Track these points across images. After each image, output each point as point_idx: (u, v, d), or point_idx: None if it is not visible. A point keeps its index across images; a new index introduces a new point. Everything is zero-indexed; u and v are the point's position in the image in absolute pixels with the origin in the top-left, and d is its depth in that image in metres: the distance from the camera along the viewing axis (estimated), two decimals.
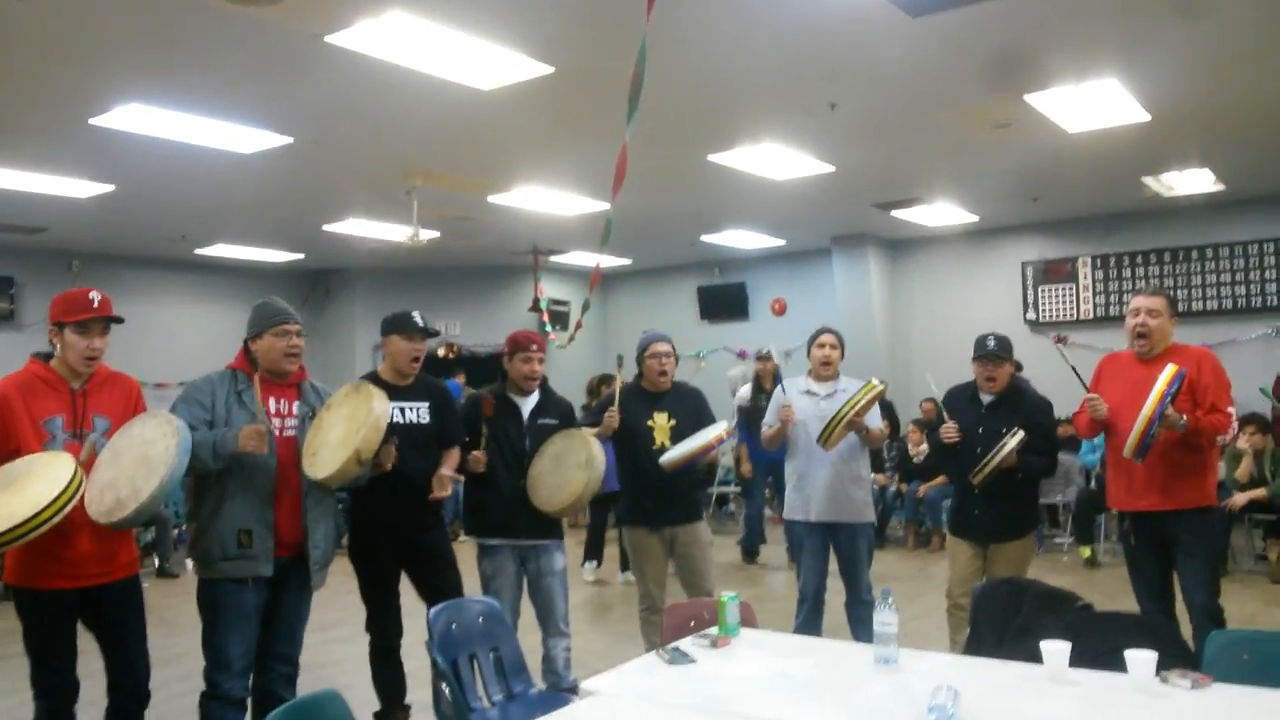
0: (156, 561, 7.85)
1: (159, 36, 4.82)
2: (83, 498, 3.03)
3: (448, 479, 3.91)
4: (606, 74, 5.11)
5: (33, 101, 5.77)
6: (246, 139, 6.56)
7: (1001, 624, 3.38)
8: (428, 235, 9.45)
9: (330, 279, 12.83)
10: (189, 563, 6.45)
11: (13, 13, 4.46)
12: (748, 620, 3.20)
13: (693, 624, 3.29)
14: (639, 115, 4.05)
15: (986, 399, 4.53)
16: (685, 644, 2.98)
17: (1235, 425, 4.09)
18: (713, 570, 4.67)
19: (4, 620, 3.75)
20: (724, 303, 12.88)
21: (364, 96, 5.84)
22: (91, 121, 6.03)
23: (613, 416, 4.40)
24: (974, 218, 10.25)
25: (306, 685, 3.67)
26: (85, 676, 3.37)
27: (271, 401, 3.52)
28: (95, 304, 3.33)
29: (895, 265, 11.74)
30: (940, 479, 8.29)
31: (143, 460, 3.10)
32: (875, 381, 4.67)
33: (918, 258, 11.58)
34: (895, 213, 9.81)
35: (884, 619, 2.79)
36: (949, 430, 4.48)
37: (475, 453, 4.07)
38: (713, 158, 7.42)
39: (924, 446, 8.38)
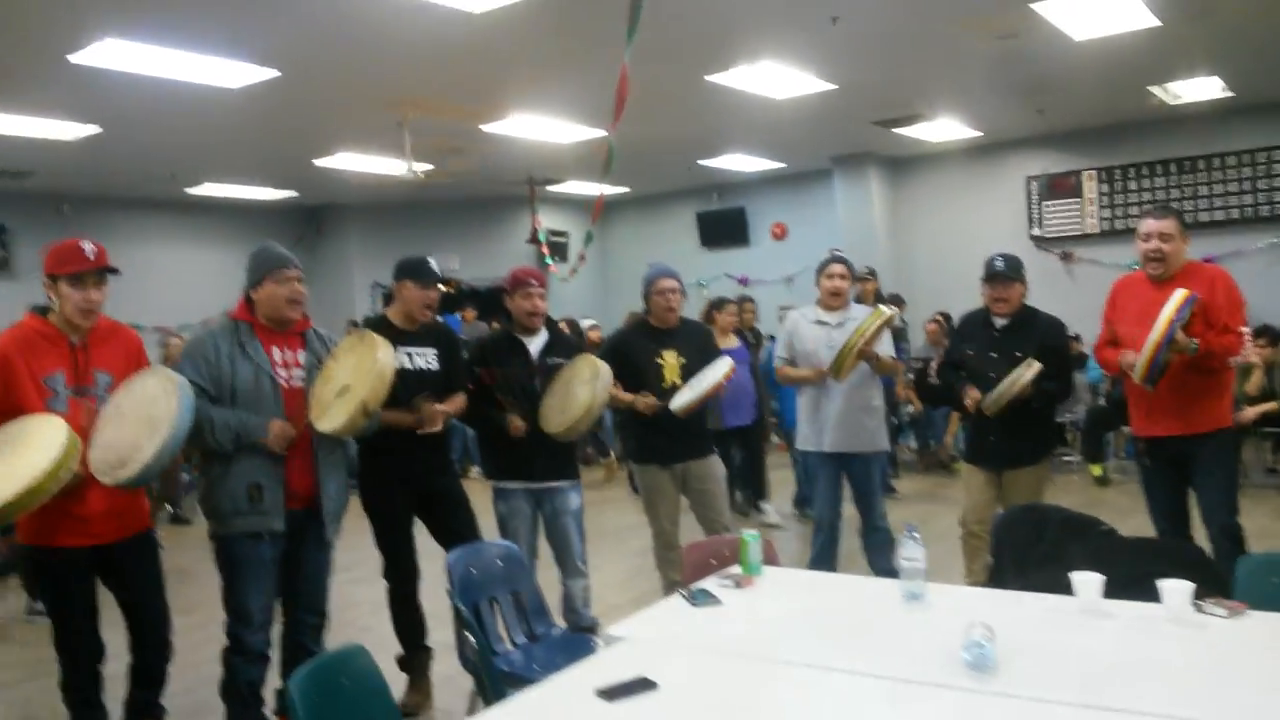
0: (169, 508, 7.85)
1: None
2: (84, 459, 2.97)
3: (439, 413, 3.82)
4: None
5: (10, 40, 5.56)
6: (232, 73, 6.36)
7: (1023, 553, 3.37)
8: (422, 168, 9.25)
9: (324, 216, 12.63)
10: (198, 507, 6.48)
11: None
12: (769, 558, 3.18)
13: (713, 562, 3.27)
14: (635, 37, 3.89)
15: (999, 323, 4.45)
16: (709, 584, 2.96)
17: (1249, 344, 4.01)
18: (727, 505, 4.65)
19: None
20: (724, 229, 12.72)
21: (349, 23, 5.64)
22: (70, 59, 5.84)
23: (651, 404, 4.37)
24: (977, 133, 10.05)
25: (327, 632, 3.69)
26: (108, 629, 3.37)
27: (276, 351, 3.43)
28: (90, 256, 3.21)
29: (897, 184, 11.55)
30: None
31: (145, 420, 3.03)
32: (884, 308, 4.60)
33: (920, 176, 11.40)
34: (897, 130, 9.61)
35: (910, 554, 2.76)
36: (972, 392, 4.36)
37: (515, 421, 3.99)
38: (710, 78, 7.23)
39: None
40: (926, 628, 2.54)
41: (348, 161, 9.55)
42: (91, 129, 7.62)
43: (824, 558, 4.76)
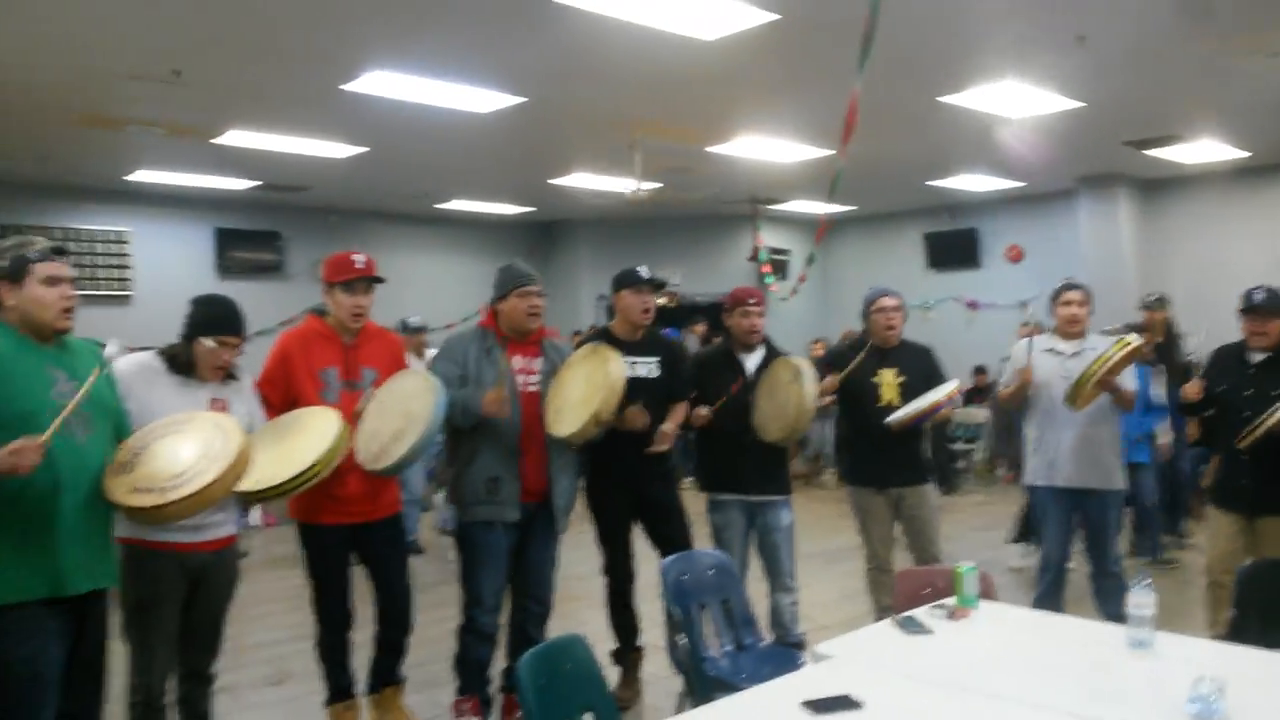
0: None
1: (402, 3, 5.09)
2: (350, 448, 3.33)
3: (668, 433, 4.00)
4: (834, 19, 4.96)
5: (292, 71, 6.25)
6: (483, 99, 6.86)
7: (1272, 608, 3.12)
8: (649, 187, 9.58)
9: (556, 230, 13.29)
10: (437, 498, 7.00)
11: None
12: (986, 592, 3.11)
13: (926, 591, 3.23)
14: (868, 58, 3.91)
15: (1256, 357, 4.14)
16: (920, 614, 2.94)
17: None
18: (940, 534, 4.55)
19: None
20: (953, 250, 12.31)
21: (590, 54, 5.96)
22: (342, 88, 6.50)
23: (832, 382, 4.32)
24: (1244, 154, 9.24)
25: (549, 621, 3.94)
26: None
27: (517, 358, 3.74)
28: (360, 265, 3.62)
29: (1149, 208, 10.78)
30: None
31: (404, 414, 3.37)
32: (1131, 338, 4.35)
33: (1177, 200, 10.58)
34: (1150, 151, 9.00)
35: (1140, 600, 2.63)
36: (1191, 388, 4.13)
37: (700, 410, 4.11)
38: (943, 99, 7.07)
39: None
40: (1151, 677, 2.43)
41: (581, 180, 10.02)
42: (360, 149, 8.42)
43: (1049, 598, 4.54)
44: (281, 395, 3.49)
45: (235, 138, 7.86)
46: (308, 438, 3.06)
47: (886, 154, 8.99)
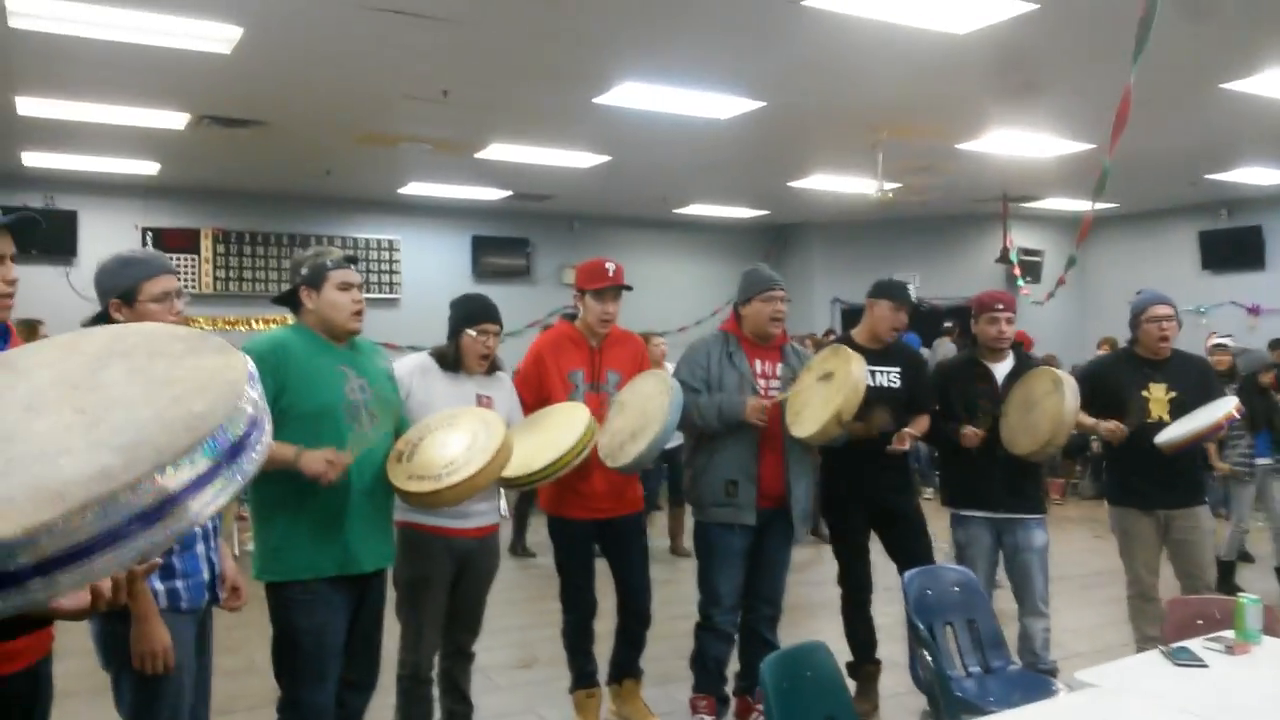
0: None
1: (650, 14, 5.23)
2: (595, 443, 3.47)
3: (908, 435, 3.90)
4: (1099, 6, 4.64)
5: (549, 87, 6.60)
6: (724, 105, 6.95)
7: None
8: (891, 187, 9.34)
9: (789, 233, 13.22)
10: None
11: (532, 12, 5.13)
12: (1271, 628, 2.82)
13: (1200, 622, 2.97)
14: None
15: None
16: (1194, 645, 2.71)
17: None
18: (1213, 560, 4.15)
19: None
20: (1233, 249, 11.18)
21: (836, 55, 5.90)
22: (594, 100, 6.78)
23: (1115, 431, 4.01)
24: None
25: (780, 626, 3.94)
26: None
27: (757, 363, 3.77)
28: (610, 274, 3.77)
29: None
30: None
31: (641, 414, 3.49)
32: None
33: None
34: None
35: None
36: None
37: (969, 429, 3.94)
38: (1226, 86, 6.44)
39: None
40: None
41: (819, 182, 9.92)
42: (604, 158, 8.75)
43: None
44: (535, 394, 3.69)
45: (494, 151, 8.39)
46: (559, 430, 3.24)
47: (1157, 146, 8.30)
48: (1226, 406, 3.95)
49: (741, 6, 5.09)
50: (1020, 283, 11.13)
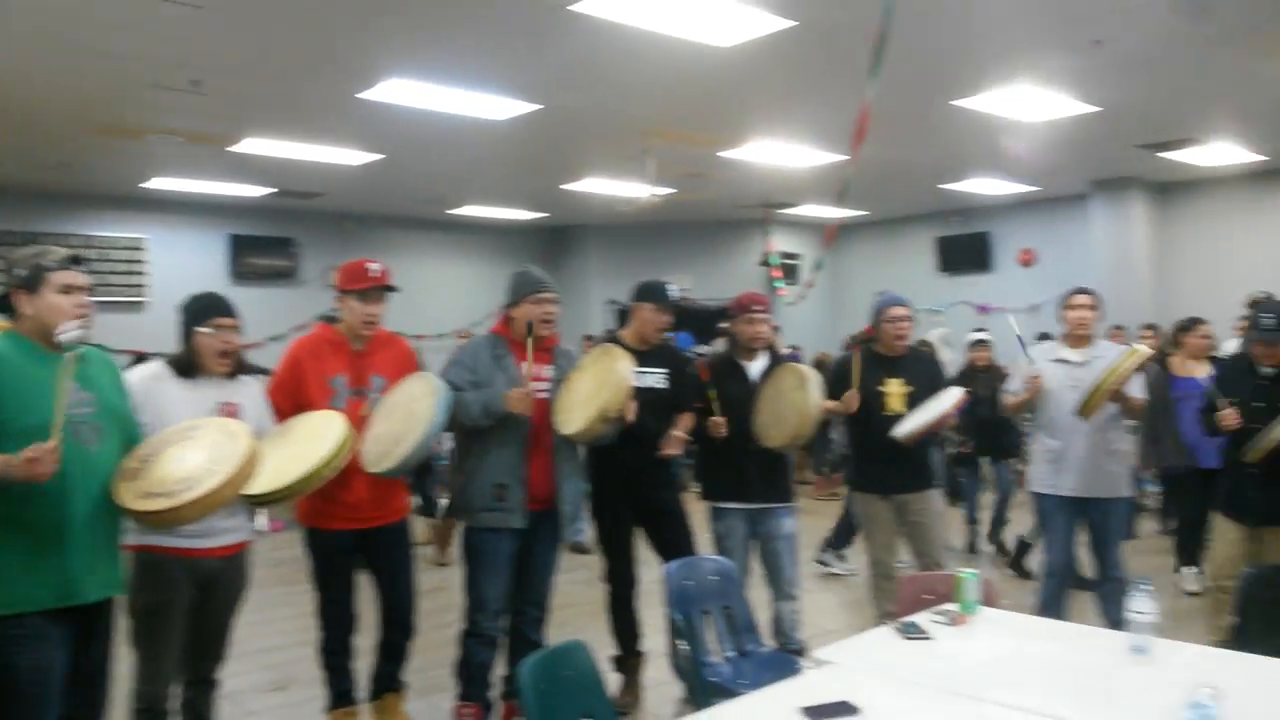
0: (419, 500, 8.55)
1: (416, 11, 5.13)
2: (355, 452, 3.36)
3: (678, 438, 4.03)
4: (849, 25, 4.98)
5: (309, 80, 6.33)
6: (498, 107, 6.91)
7: (1272, 614, 3.12)
8: (663, 192, 9.62)
9: (567, 235, 13.35)
10: (443, 502, 7.03)
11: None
12: (988, 599, 3.12)
13: (927, 597, 3.24)
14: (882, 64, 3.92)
15: (1266, 371, 4.13)
16: (921, 619, 2.95)
17: None
18: (943, 540, 4.55)
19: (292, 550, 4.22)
20: (965, 254, 12.30)
21: (607, 61, 6.01)
22: (359, 96, 6.56)
23: (852, 398, 4.33)
24: (1260, 157, 9.19)
25: (552, 626, 3.96)
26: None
27: (526, 365, 3.75)
28: (374, 274, 3.65)
29: (1163, 212, 10.74)
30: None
31: (407, 416, 3.41)
32: (1139, 347, 4.36)
33: (1190, 203, 10.55)
34: (1164, 154, 8.97)
35: (1140, 607, 2.63)
36: (1229, 416, 4.10)
37: (715, 419, 4.12)
38: (956, 102, 7.07)
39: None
40: (1150, 684, 2.43)
41: (593, 185, 10.07)
42: (375, 156, 8.49)
43: (1053, 605, 4.54)
44: (291, 402, 3.51)
45: (252, 145, 7.95)
46: (312, 441, 3.09)
47: (899, 158, 8.99)
48: (953, 398, 4.34)
49: (510, 9, 5.09)
50: (777, 285, 11.74)
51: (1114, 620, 4.20)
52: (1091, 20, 5.43)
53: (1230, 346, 6.62)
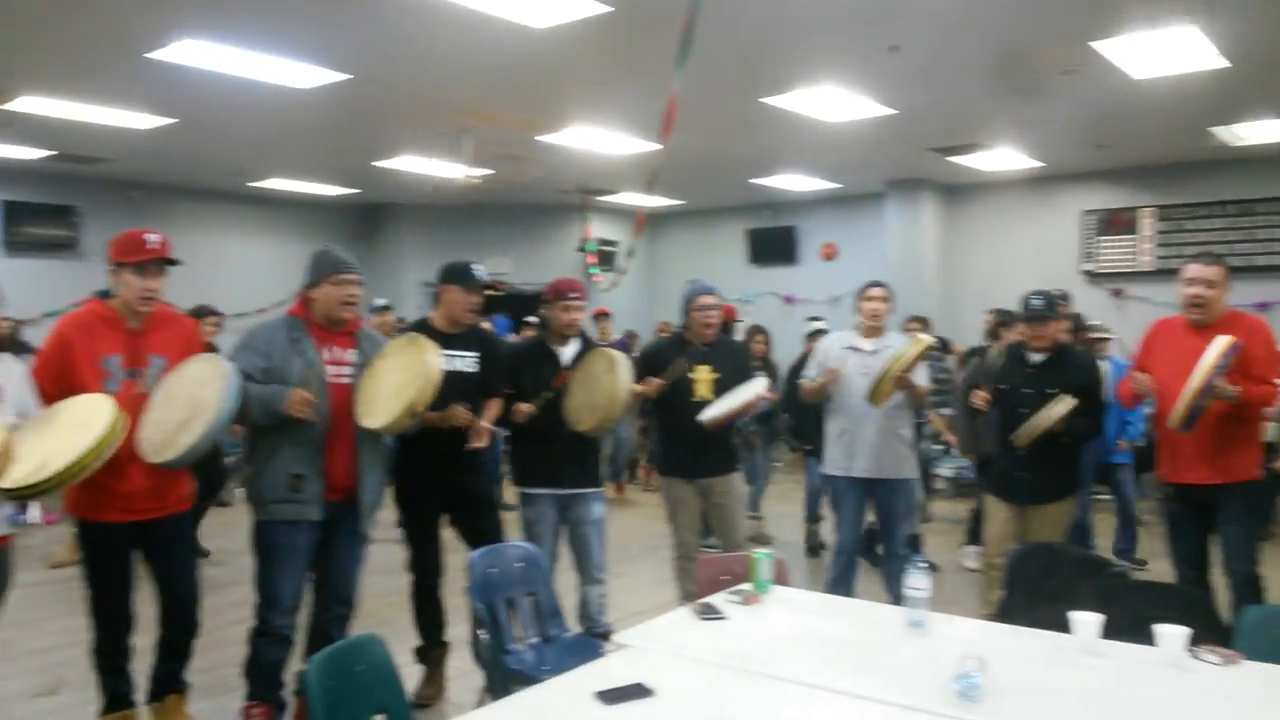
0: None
1: None
2: (129, 438, 3.12)
3: (485, 429, 3.97)
4: (665, 14, 5.02)
5: (87, 38, 5.83)
6: (304, 74, 6.58)
7: (1035, 588, 3.40)
8: (480, 173, 9.46)
9: (381, 214, 12.93)
10: (240, 492, 6.66)
11: None
12: (780, 578, 3.24)
13: (725, 578, 3.34)
14: (693, 57, 3.97)
15: (1035, 358, 4.49)
16: (717, 600, 3.03)
17: None
18: (744, 522, 4.72)
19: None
20: (773, 246, 12.75)
21: (419, 34, 5.82)
22: (149, 55, 6.09)
23: (650, 385, 4.41)
24: (1036, 164, 9.98)
25: (358, 620, 3.83)
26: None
27: (327, 349, 3.59)
28: (153, 246, 3.38)
29: (951, 211, 11.50)
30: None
31: (192, 403, 3.20)
32: (923, 337, 4.64)
33: (975, 204, 11.33)
34: (953, 158, 9.59)
35: (915, 583, 2.81)
36: (979, 398, 4.45)
37: (521, 405, 4.10)
38: (766, 100, 7.30)
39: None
40: (923, 656, 2.59)
41: (408, 164, 9.78)
42: (166, 120, 7.92)
43: (842, 582, 4.79)
44: (58, 384, 3.23)
45: (28, 103, 7.26)
46: (77, 428, 2.85)
47: (712, 151, 9.20)
48: (757, 387, 4.49)
49: None
50: (592, 271, 11.80)
51: (898, 596, 4.47)
52: (889, 26, 5.71)
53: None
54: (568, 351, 4.29)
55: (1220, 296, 4.02)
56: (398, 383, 3.50)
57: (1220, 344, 3.72)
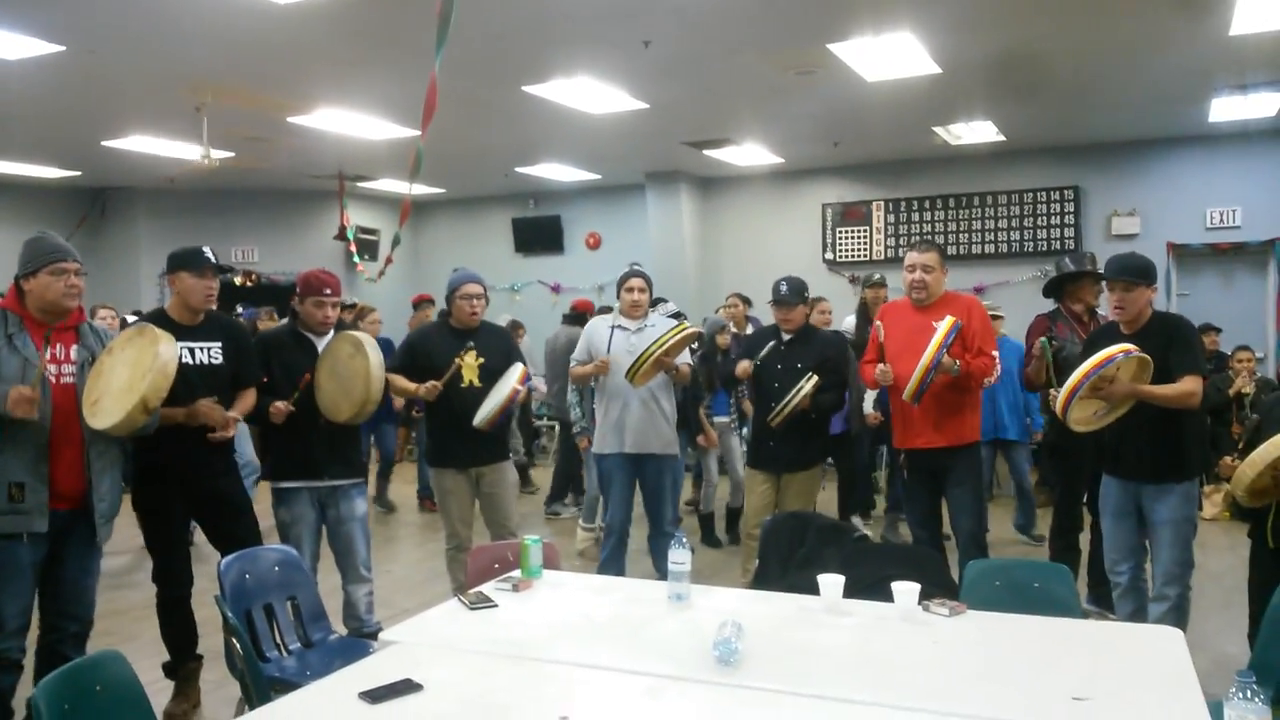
0: None
1: None
2: None
3: (231, 419, 3.74)
4: None
5: None
6: (9, 44, 5.91)
7: (787, 555, 3.63)
8: (220, 155, 8.85)
9: (110, 199, 11.84)
10: None
11: None
12: (550, 562, 3.28)
13: (496, 566, 3.34)
14: (451, 41, 3.91)
15: (786, 338, 4.85)
16: (488, 588, 3.03)
17: (998, 367, 4.48)
18: (516, 510, 4.74)
19: None
20: (539, 236, 12.79)
21: (142, 4, 5.37)
22: None
23: (432, 388, 4.37)
24: (779, 160, 10.57)
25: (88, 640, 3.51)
26: None
27: (49, 348, 3.26)
28: None
29: (706, 203, 11.98)
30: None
31: None
32: (688, 324, 4.87)
33: (727, 197, 11.86)
34: (707, 152, 9.98)
35: (676, 558, 2.93)
36: (744, 367, 4.86)
37: (277, 404, 3.89)
38: (527, 89, 7.30)
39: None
40: (687, 627, 2.71)
41: (140, 144, 9.01)
42: None
43: (614, 561, 4.91)
44: None
45: None
46: None
47: (475, 139, 9.10)
48: (515, 375, 4.50)
49: None
50: (356, 260, 11.40)
51: (664, 572, 4.64)
52: (642, 21, 5.86)
53: (849, 322, 7.50)
54: (324, 341, 4.11)
55: (938, 279, 4.45)
56: (127, 378, 3.23)
57: (945, 324, 4.14)
